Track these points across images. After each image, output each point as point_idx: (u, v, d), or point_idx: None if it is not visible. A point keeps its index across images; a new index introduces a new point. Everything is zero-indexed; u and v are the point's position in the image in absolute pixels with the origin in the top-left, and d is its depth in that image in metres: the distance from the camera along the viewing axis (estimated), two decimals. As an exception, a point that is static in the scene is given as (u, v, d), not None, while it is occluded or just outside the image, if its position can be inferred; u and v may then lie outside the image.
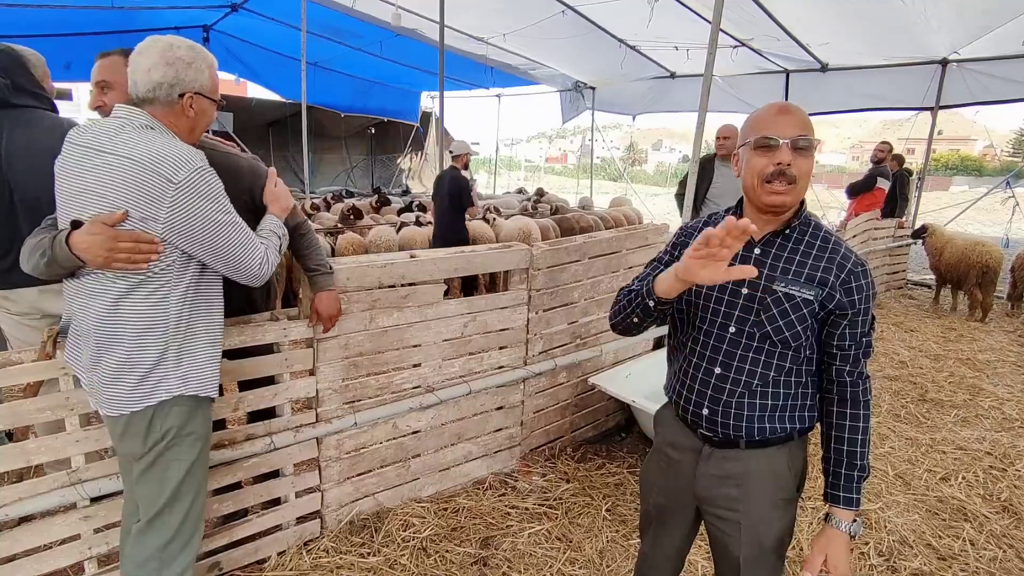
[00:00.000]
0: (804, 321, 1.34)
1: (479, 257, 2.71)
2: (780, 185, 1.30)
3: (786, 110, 1.32)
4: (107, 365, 1.51)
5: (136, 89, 1.53)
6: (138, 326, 1.50)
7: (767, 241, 1.40)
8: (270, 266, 1.65)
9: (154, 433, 1.54)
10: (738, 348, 1.40)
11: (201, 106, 1.62)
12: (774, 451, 1.43)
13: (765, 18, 6.21)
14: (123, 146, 1.45)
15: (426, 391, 2.63)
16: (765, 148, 1.30)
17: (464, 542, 2.53)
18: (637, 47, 8.00)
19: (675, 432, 1.55)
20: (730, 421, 1.41)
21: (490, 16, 7.50)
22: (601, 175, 28.47)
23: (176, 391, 1.55)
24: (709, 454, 1.47)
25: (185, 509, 1.61)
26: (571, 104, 10.94)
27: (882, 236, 6.97)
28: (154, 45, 1.54)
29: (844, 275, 1.34)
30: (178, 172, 1.43)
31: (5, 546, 1.80)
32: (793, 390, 1.40)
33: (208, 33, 8.70)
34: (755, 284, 1.38)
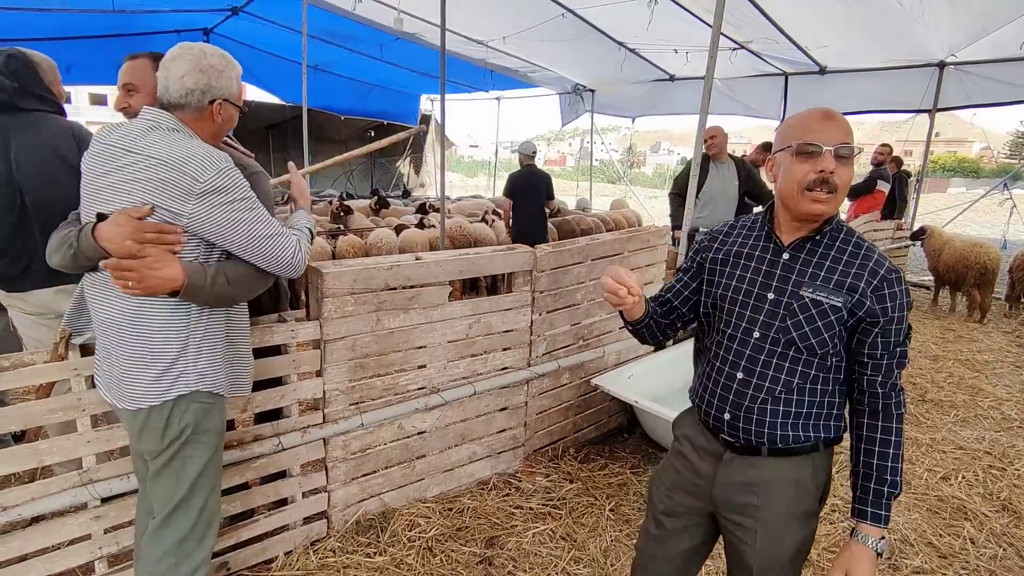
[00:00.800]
0: (831, 328, 1.32)
1: (483, 259, 2.73)
2: (821, 193, 1.27)
3: (830, 116, 1.29)
4: (128, 358, 1.53)
5: (168, 94, 1.58)
6: (158, 319, 1.52)
7: (796, 246, 1.38)
8: (304, 255, 1.68)
9: (172, 429, 1.56)
10: (762, 353, 1.38)
11: (228, 112, 1.68)
12: (797, 461, 1.40)
13: (764, 21, 6.24)
14: (151, 147, 1.48)
15: (431, 392, 2.65)
16: (807, 155, 1.27)
17: (469, 542, 2.55)
18: (636, 50, 8.03)
19: (696, 435, 1.54)
20: (752, 427, 1.39)
21: (490, 19, 7.52)
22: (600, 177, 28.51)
23: (194, 386, 1.57)
24: (730, 459, 1.45)
25: (200, 505, 1.63)
26: (570, 107, 10.97)
27: (881, 238, 7.01)
28: (188, 52, 1.59)
29: (876, 282, 1.31)
30: (204, 171, 1.47)
31: (17, 546, 1.82)
32: (819, 398, 1.37)
33: (208, 36, 8.71)
34: (781, 289, 1.36)
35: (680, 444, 1.59)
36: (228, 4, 7.52)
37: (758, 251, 1.44)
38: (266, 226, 1.59)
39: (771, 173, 1.39)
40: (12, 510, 1.76)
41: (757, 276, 1.41)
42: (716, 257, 1.51)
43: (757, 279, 1.41)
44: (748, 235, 1.49)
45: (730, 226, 1.56)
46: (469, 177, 32.34)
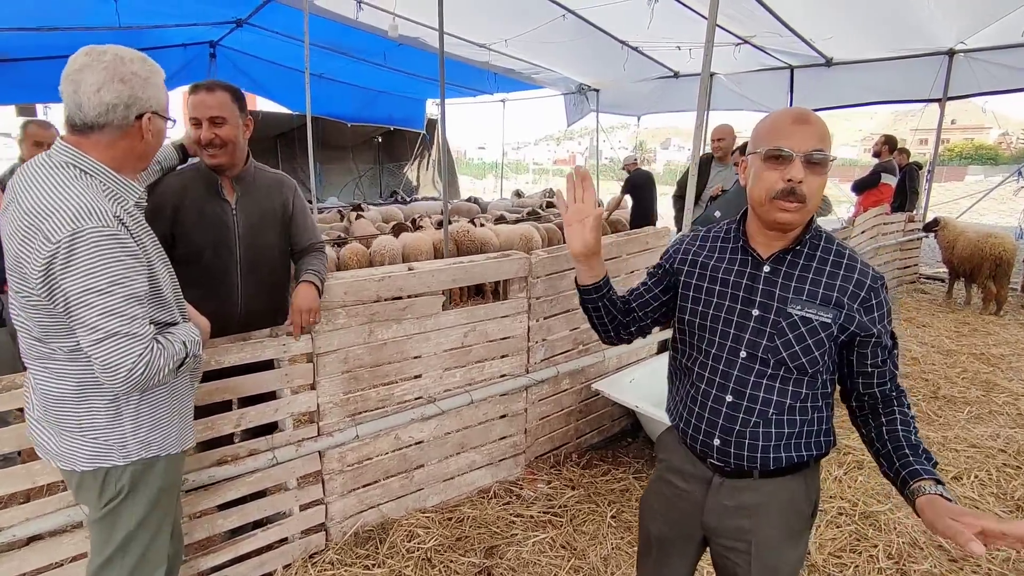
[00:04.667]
0: (822, 346, 1.26)
1: (477, 267, 2.72)
2: (788, 203, 1.20)
3: (803, 119, 1.21)
4: (56, 420, 1.42)
5: (81, 113, 1.34)
6: (75, 386, 1.40)
7: (776, 259, 1.30)
8: (150, 378, 1.33)
9: (107, 492, 1.46)
10: (750, 375, 1.30)
11: (158, 127, 1.45)
12: (790, 480, 1.35)
13: (766, 15, 6.17)
14: (25, 193, 1.30)
15: (428, 402, 2.65)
16: (776, 160, 1.20)
17: (469, 551, 2.54)
18: (639, 48, 7.97)
19: (681, 460, 1.46)
20: (744, 452, 1.32)
21: (491, 23, 7.51)
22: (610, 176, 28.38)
23: (135, 456, 1.46)
24: (720, 484, 1.38)
25: (139, 554, 1.53)
26: (576, 107, 10.93)
27: (892, 231, 6.89)
28: (99, 59, 1.33)
29: (864, 293, 1.25)
30: (59, 231, 1.24)
31: (14, 566, 1.84)
32: (809, 416, 1.32)
33: (215, 49, 8.81)
34: (766, 305, 1.29)
35: (664, 468, 1.52)
36: (232, 16, 7.58)
37: (736, 265, 1.36)
38: (107, 318, 1.27)
39: (743, 177, 1.32)
40: (7, 531, 1.78)
41: (739, 292, 1.33)
42: (689, 270, 1.42)
43: (739, 295, 1.33)
44: (723, 247, 1.40)
45: (700, 236, 1.47)
46: (478, 179, 32.38)
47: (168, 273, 1.52)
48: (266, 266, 2.16)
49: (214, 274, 2.07)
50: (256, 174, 2.16)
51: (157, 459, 1.51)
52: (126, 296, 1.30)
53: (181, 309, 1.59)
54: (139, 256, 1.35)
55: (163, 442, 1.52)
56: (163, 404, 1.51)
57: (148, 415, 1.47)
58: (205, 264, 2.05)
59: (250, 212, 2.11)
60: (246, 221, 2.10)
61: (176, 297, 1.56)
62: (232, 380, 2.08)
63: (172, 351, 1.40)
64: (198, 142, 1.99)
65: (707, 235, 1.46)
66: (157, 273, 1.44)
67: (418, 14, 6.75)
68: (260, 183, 2.16)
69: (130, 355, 1.30)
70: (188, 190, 2.04)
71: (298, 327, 2.12)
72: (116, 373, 1.30)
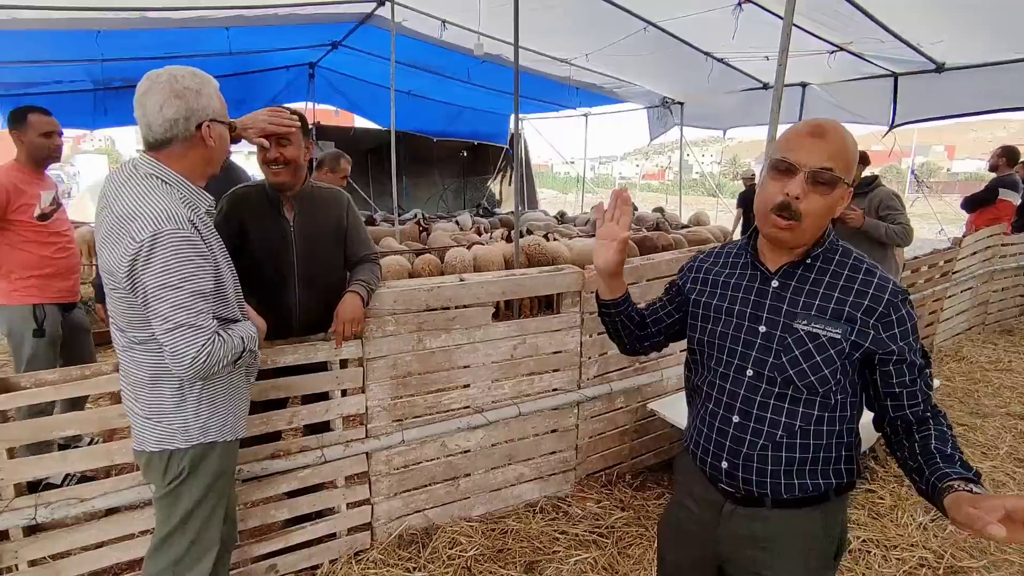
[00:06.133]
0: (832, 363, 1.18)
1: (528, 280, 2.73)
2: (781, 219, 1.15)
3: (819, 132, 1.14)
4: (134, 403, 1.61)
5: (152, 133, 1.51)
6: (149, 374, 1.56)
7: (785, 272, 1.25)
8: (211, 367, 1.50)
9: (171, 472, 1.62)
10: (757, 394, 1.25)
11: (219, 132, 1.59)
12: (807, 512, 1.26)
13: (865, 19, 5.77)
14: (116, 200, 1.47)
15: (475, 412, 2.68)
16: (780, 172, 1.15)
17: (509, 564, 2.53)
18: (725, 59, 7.71)
19: (695, 483, 1.40)
20: (752, 476, 1.26)
21: (572, 38, 7.56)
22: (699, 191, 27.51)
23: (196, 440, 1.61)
24: (731, 511, 1.32)
25: (195, 532, 1.68)
26: (659, 120, 10.71)
27: (1012, 253, 6.17)
28: (157, 80, 1.49)
29: (881, 307, 1.16)
30: (142, 231, 1.41)
31: (93, 534, 2.05)
32: (825, 441, 1.23)
33: (313, 70, 9.49)
34: (773, 321, 1.24)
35: (680, 491, 1.47)
36: (328, 39, 8.15)
37: (745, 280, 1.31)
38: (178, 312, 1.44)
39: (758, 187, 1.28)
40: (89, 502, 1.99)
41: (746, 307, 1.29)
42: (700, 288, 1.40)
43: (746, 311, 1.28)
44: (734, 262, 1.37)
45: (715, 252, 1.43)
46: (563, 193, 32.40)
47: (231, 274, 1.68)
48: (322, 279, 2.28)
49: (273, 287, 2.21)
50: (313, 191, 2.29)
51: (214, 444, 1.67)
52: (194, 292, 1.46)
53: (241, 308, 1.75)
54: (207, 257, 1.52)
55: (220, 429, 1.67)
56: (220, 395, 1.67)
57: (207, 404, 1.63)
58: (265, 277, 2.20)
59: (307, 228, 2.24)
60: (303, 237, 2.23)
61: (237, 296, 1.72)
62: (286, 379, 2.22)
63: (231, 344, 1.55)
64: (263, 160, 2.15)
65: (720, 251, 1.42)
66: (222, 273, 1.60)
67: (500, 32, 6.92)
68: (317, 200, 2.29)
69: (194, 345, 1.46)
70: (252, 206, 2.20)
71: (340, 337, 2.21)
72: (182, 360, 1.46)
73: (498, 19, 6.35)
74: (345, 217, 2.33)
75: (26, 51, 6.32)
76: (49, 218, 2.80)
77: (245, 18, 6.29)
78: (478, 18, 6.45)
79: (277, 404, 2.26)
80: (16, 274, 2.73)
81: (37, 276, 2.75)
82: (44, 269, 2.77)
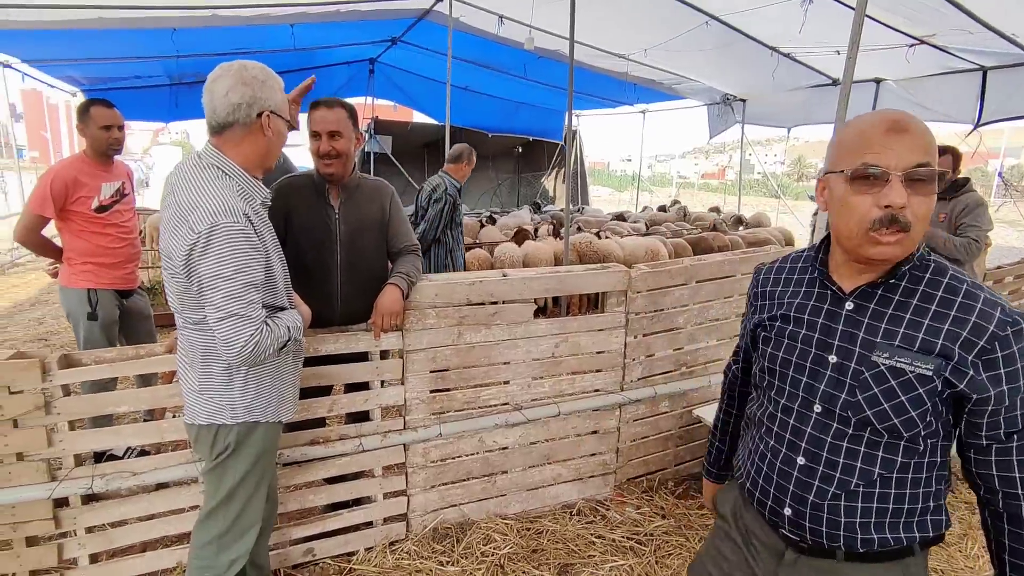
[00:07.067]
0: (920, 404, 1.00)
1: (572, 278, 2.67)
2: (889, 234, 0.97)
3: (900, 126, 0.96)
4: (188, 379, 1.69)
5: (216, 115, 1.58)
6: (201, 353, 1.64)
7: (863, 294, 1.07)
8: (258, 354, 1.56)
9: (218, 445, 1.69)
10: (828, 434, 1.09)
11: (277, 126, 1.65)
12: (886, 568, 1.09)
13: (951, 9, 5.37)
14: (182, 189, 1.54)
15: (513, 409, 2.65)
16: (867, 181, 0.97)
17: (542, 565, 2.49)
18: (791, 54, 7.36)
19: (750, 522, 1.24)
20: (822, 528, 1.09)
21: (629, 32, 7.40)
22: (762, 191, 26.50)
23: (241, 418, 1.68)
24: (795, 561, 1.15)
25: (239, 508, 1.75)
26: (719, 118, 10.35)
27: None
28: (228, 70, 1.58)
29: (984, 341, 0.96)
30: (200, 223, 1.47)
31: (143, 506, 2.15)
32: (910, 490, 1.06)
33: (373, 65, 9.70)
34: (847, 351, 1.06)
35: (728, 526, 1.31)
36: (388, 35, 8.29)
37: (812, 300, 1.14)
38: (230, 301, 1.50)
39: (821, 200, 1.10)
40: (140, 475, 2.09)
41: (813, 332, 1.12)
42: (764, 304, 1.24)
43: (813, 336, 1.12)
44: (799, 280, 1.19)
45: (777, 266, 1.26)
46: (619, 191, 31.95)
47: (281, 265, 1.75)
48: (364, 267, 2.31)
49: (316, 273, 2.26)
50: (360, 182, 2.33)
51: (258, 424, 1.73)
52: (245, 283, 1.52)
53: (289, 297, 1.80)
54: (260, 249, 1.57)
55: (264, 410, 1.73)
56: (266, 378, 1.73)
57: (253, 385, 1.70)
58: (309, 264, 2.24)
59: (351, 217, 2.27)
60: (347, 225, 2.27)
61: (286, 286, 1.78)
62: (328, 368, 2.25)
63: (278, 334, 1.61)
64: (316, 152, 2.19)
65: (784, 264, 1.26)
66: (272, 264, 1.66)
67: (557, 26, 6.85)
68: (362, 190, 2.32)
69: (244, 334, 1.52)
70: (299, 194, 2.25)
71: (378, 328, 2.22)
72: (231, 348, 1.52)
73: (554, 14, 6.28)
74: (388, 207, 2.35)
75: (110, 48, 6.74)
76: (108, 210, 2.92)
77: (309, 15, 6.49)
78: (531, 12, 6.41)
79: (319, 391, 2.30)
80: (75, 259, 2.88)
81: (93, 263, 2.89)
82: (100, 257, 2.91)
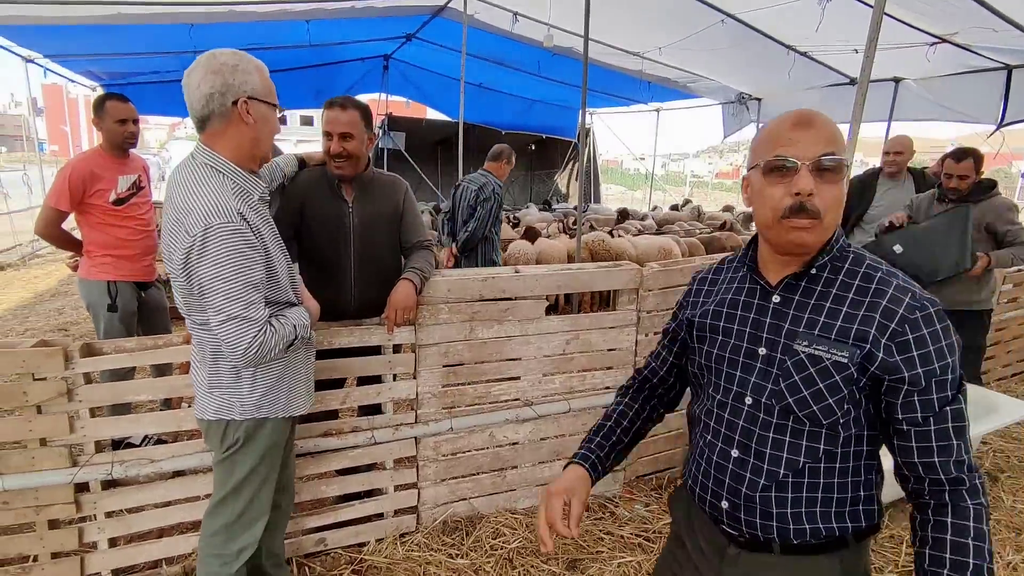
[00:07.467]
0: (837, 391, 1.02)
1: (585, 275, 2.68)
2: (801, 220, 1.01)
3: (807, 121, 1.02)
4: (198, 375, 1.71)
5: (193, 110, 1.52)
6: (210, 351, 1.65)
7: (787, 286, 1.09)
8: (263, 355, 1.54)
9: (227, 439, 1.71)
10: (756, 425, 1.10)
11: (259, 111, 1.57)
12: (822, 560, 1.10)
13: (975, 6, 5.28)
14: (178, 191, 1.52)
15: (524, 405, 2.67)
16: (779, 172, 1.01)
17: (551, 560, 2.51)
18: (808, 53, 7.29)
19: (697, 520, 1.26)
20: (756, 519, 1.10)
21: (644, 30, 7.37)
22: (775, 190, 26.11)
23: (249, 415, 1.69)
24: (736, 556, 1.16)
25: (248, 499, 1.76)
26: (734, 117, 10.26)
27: None
28: (200, 61, 1.52)
29: (895, 324, 0.99)
30: (195, 226, 1.45)
31: (161, 493, 2.20)
32: (838, 480, 1.07)
33: (388, 62, 9.74)
34: (773, 342, 1.08)
35: (679, 528, 1.31)
36: (403, 32, 8.32)
37: (744, 295, 1.16)
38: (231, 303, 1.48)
39: (745, 196, 1.12)
40: (158, 463, 2.13)
41: (745, 327, 1.13)
42: (700, 305, 1.24)
43: (745, 330, 1.13)
44: (733, 277, 1.21)
45: (715, 266, 1.28)
46: (632, 190, 31.76)
47: (284, 259, 1.73)
48: (377, 261, 2.34)
49: (330, 266, 2.29)
50: (374, 177, 2.35)
51: (267, 420, 1.74)
52: (245, 284, 1.49)
53: (296, 291, 1.80)
54: (257, 247, 1.54)
55: (272, 407, 1.74)
56: (275, 375, 1.73)
57: (262, 382, 1.70)
58: (323, 257, 2.28)
59: (365, 211, 2.30)
60: (360, 219, 2.29)
61: (292, 281, 1.78)
62: (341, 361, 2.28)
63: (283, 333, 1.59)
64: (328, 153, 2.21)
65: (721, 266, 1.27)
66: (273, 260, 1.64)
67: (571, 24, 6.84)
68: (376, 184, 2.35)
69: (246, 336, 1.50)
70: (313, 189, 2.29)
71: (391, 322, 2.24)
72: (235, 350, 1.51)
73: (569, 11, 6.27)
74: (402, 202, 2.38)
75: (128, 44, 6.84)
76: (125, 202, 2.97)
77: (325, 11, 6.53)
78: (548, 10, 6.40)
79: (333, 384, 2.34)
80: (94, 252, 2.94)
81: (112, 255, 2.95)
82: (118, 249, 2.96)
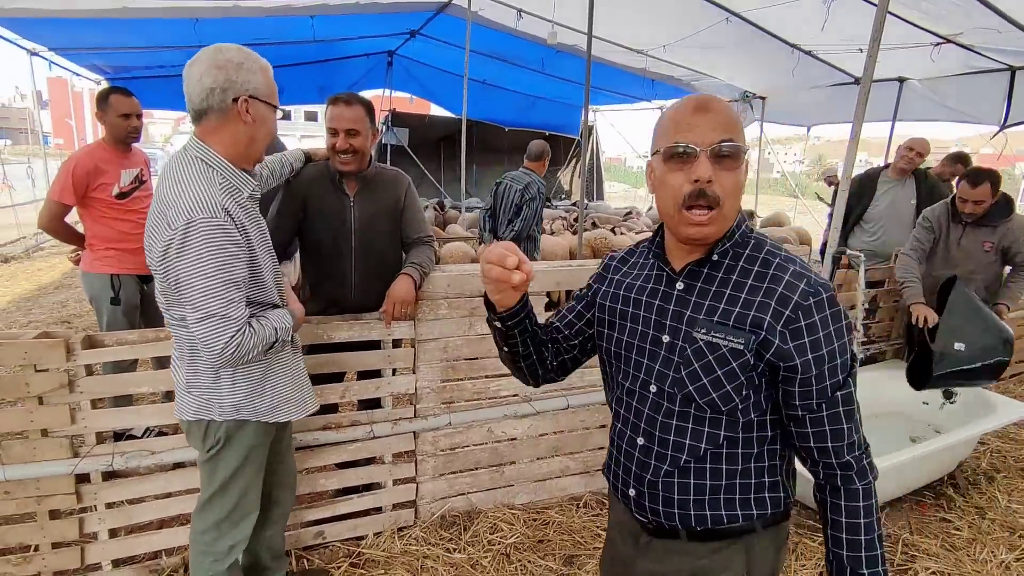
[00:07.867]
0: (735, 378, 1.03)
1: (583, 271, 2.69)
2: (699, 212, 0.99)
3: (705, 106, 1.00)
4: (177, 374, 1.68)
5: (191, 102, 1.50)
6: (188, 349, 1.61)
7: (690, 273, 1.09)
8: (240, 357, 1.50)
9: (209, 440, 1.68)
10: (659, 413, 1.10)
11: (258, 111, 1.55)
12: (728, 546, 1.11)
13: (979, 7, 5.27)
14: (166, 184, 1.49)
15: (522, 400, 2.68)
16: (679, 159, 0.99)
17: (548, 555, 2.53)
18: (813, 52, 7.27)
19: (616, 508, 1.28)
20: (659, 506, 1.12)
21: (648, 28, 7.36)
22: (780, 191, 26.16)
23: (229, 416, 1.64)
24: (648, 544, 1.18)
25: (235, 498, 1.75)
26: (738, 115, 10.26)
27: None
28: (204, 54, 1.50)
29: (789, 311, 0.99)
30: (177, 219, 1.41)
31: (161, 484, 2.21)
32: (741, 466, 1.08)
33: (392, 58, 9.73)
34: (676, 329, 1.08)
35: (610, 520, 1.34)
36: (407, 28, 8.32)
37: (651, 282, 1.15)
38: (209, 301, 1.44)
39: (649, 183, 1.10)
40: (159, 455, 2.15)
41: (651, 314, 1.13)
42: (609, 291, 1.22)
43: (651, 317, 1.13)
44: (642, 264, 1.20)
45: (629, 250, 1.26)
46: (635, 187, 31.74)
47: (271, 259, 1.70)
48: (378, 255, 2.35)
49: (331, 260, 2.31)
50: (376, 172, 2.37)
51: (247, 422, 1.70)
52: (225, 281, 1.45)
53: (282, 293, 1.76)
54: (241, 244, 1.50)
55: (254, 410, 1.69)
56: (255, 378, 1.68)
57: (242, 385, 1.65)
58: (325, 251, 2.30)
59: (366, 205, 2.31)
60: (361, 213, 2.31)
61: (277, 282, 1.74)
62: (341, 355, 2.30)
63: (263, 335, 1.55)
64: (333, 148, 2.22)
65: (633, 250, 1.26)
66: (258, 259, 1.61)
67: (575, 21, 6.83)
68: (378, 179, 2.37)
69: (223, 335, 1.46)
70: (316, 184, 2.30)
71: (389, 316, 2.26)
72: (212, 349, 1.47)
73: (573, 8, 6.26)
74: (403, 197, 2.39)
75: (133, 38, 6.85)
76: (128, 196, 2.98)
77: (329, 7, 6.52)
78: (551, 7, 6.40)
79: (333, 377, 2.35)
80: (98, 245, 2.96)
81: (116, 249, 2.96)
82: (121, 243, 2.97)
